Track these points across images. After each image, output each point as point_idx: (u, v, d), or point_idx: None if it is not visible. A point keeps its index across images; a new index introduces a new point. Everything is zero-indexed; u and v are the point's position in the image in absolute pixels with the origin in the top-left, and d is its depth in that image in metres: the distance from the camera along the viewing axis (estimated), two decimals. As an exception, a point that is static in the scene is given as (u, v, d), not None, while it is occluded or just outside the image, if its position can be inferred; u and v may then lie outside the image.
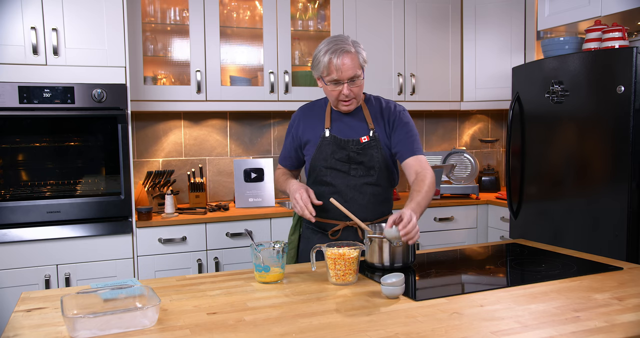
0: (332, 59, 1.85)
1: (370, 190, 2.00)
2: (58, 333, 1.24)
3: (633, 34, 2.97)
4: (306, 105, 2.15)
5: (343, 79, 1.88)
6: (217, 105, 3.16)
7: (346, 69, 1.86)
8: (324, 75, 1.91)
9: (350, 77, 1.88)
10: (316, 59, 1.92)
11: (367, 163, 1.99)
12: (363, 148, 1.98)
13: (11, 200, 2.59)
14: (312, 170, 2.05)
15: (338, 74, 1.87)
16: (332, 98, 1.96)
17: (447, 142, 4.11)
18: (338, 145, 1.99)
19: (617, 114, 2.47)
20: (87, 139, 2.76)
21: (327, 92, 1.97)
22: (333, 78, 1.88)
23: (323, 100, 2.11)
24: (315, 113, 2.08)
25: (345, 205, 1.86)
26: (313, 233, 2.09)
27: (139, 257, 2.78)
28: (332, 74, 1.88)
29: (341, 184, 2.00)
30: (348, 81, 1.88)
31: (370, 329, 1.24)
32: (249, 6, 3.36)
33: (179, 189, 3.39)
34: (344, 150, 1.98)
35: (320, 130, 2.03)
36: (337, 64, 1.85)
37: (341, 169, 1.99)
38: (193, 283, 1.64)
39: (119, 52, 2.72)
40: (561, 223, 2.78)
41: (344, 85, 1.89)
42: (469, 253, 2.07)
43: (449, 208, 3.44)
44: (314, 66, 1.95)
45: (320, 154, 2.01)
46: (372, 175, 2.00)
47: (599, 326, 1.24)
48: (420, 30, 3.59)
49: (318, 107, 2.10)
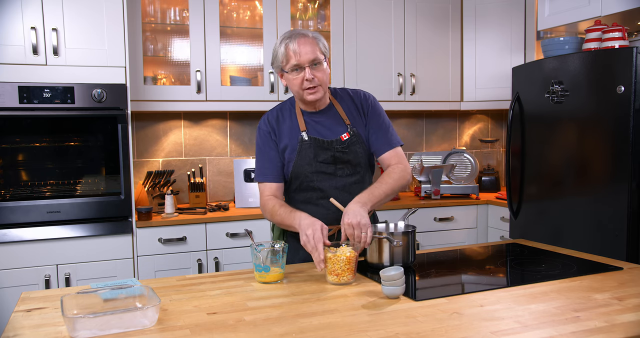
0: (288, 44, 1.79)
1: (358, 189, 1.91)
2: (58, 333, 1.24)
3: (633, 34, 2.97)
4: (271, 111, 1.99)
5: (303, 63, 1.79)
6: (217, 105, 3.16)
7: (304, 52, 1.79)
8: (283, 65, 1.82)
9: (311, 61, 1.80)
10: (274, 53, 1.85)
11: (353, 161, 1.92)
12: (347, 146, 1.91)
13: (11, 200, 2.59)
14: (295, 177, 1.93)
15: (297, 58, 1.79)
16: (295, 88, 1.85)
17: (447, 142, 4.11)
18: (321, 147, 1.89)
19: (617, 114, 2.47)
20: (87, 139, 2.76)
21: (290, 84, 1.86)
22: (293, 63, 1.80)
23: (288, 103, 1.99)
24: (285, 117, 1.95)
25: (334, 208, 1.79)
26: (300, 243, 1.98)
27: (139, 257, 2.78)
28: (290, 59, 1.80)
29: (329, 187, 1.91)
30: (309, 65, 1.80)
31: (370, 329, 1.24)
32: (249, 6, 3.36)
33: (179, 189, 3.39)
34: (328, 151, 1.89)
35: (296, 134, 1.91)
36: (294, 48, 1.78)
37: (327, 171, 1.91)
38: (193, 283, 1.64)
39: (119, 52, 2.72)
40: (561, 223, 2.78)
41: (306, 69, 1.80)
42: (469, 253, 2.07)
43: (449, 208, 3.44)
44: (273, 62, 1.87)
45: (302, 159, 1.89)
46: (359, 172, 1.95)
47: (599, 326, 1.24)
48: (421, 30, 3.59)
49: (286, 111, 1.96)
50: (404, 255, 1.74)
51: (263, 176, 1.94)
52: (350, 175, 1.94)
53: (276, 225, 1.95)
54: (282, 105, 2.00)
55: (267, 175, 1.94)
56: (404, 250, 1.73)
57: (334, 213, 1.82)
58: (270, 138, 1.94)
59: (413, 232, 1.77)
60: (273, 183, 1.94)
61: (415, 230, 1.79)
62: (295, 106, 1.96)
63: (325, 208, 1.91)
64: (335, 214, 1.82)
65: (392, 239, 1.71)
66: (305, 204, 1.93)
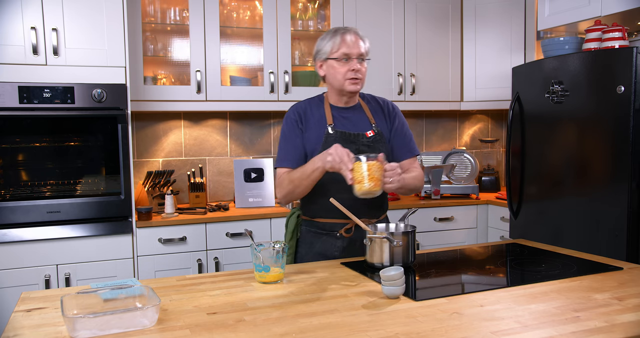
0: (344, 34, 1.91)
1: None
2: (58, 333, 1.24)
3: (633, 34, 2.97)
4: (300, 103, 2.07)
5: (353, 54, 1.91)
6: (217, 105, 3.16)
7: (355, 45, 1.91)
8: (333, 51, 1.92)
9: (359, 54, 1.92)
10: (322, 42, 1.95)
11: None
12: (371, 142, 1.98)
13: (11, 200, 2.59)
14: None
15: (349, 49, 1.90)
16: (339, 77, 1.93)
17: (447, 142, 4.11)
18: (346, 140, 1.95)
19: (617, 114, 2.47)
20: (87, 139, 2.76)
21: (334, 72, 1.94)
22: (344, 52, 1.90)
23: (317, 98, 2.07)
24: (313, 110, 2.02)
25: (350, 203, 1.80)
26: (316, 236, 2.02)
27: (139, 257, 2.78)
28: (342, 48, 1.90)
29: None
30: (357, 58, 1.91)
31: (370, 329, 1.24)
32: (249, 6, 3.36)
33: (179, 189, 3.39)
34: (353, 145, 1.95)
35: (323, 125, 1.98)
36: (350, 39, 1.90)
37: None
38: (193, 283, 1.64)
39: (119, 52, 2.72)
40: (561, 223, 2.78)
41: (354, 60, 1.91)
42: (469, 253, 2.07)
43: (449, 208, 3.44)
44: (319, 50, 1.96)
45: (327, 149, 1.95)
46: None
47: (599, 326, 1.24)
48: (421, 30, 3.59)
49: (314, 104, 2.04)
50: (404, 255, 1.74)
51: (285, 161, 1.98)
52: None
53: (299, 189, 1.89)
54: (310, 100, 2.07)
55: (289, 160, 1.97)
56: (404, 250, 1.73)
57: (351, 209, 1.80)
58: (297, 126, 1.99)
59: (413, 232, 1.77)
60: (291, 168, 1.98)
61: (415, 230, 1.79)
62: (324, 101, 2.04)
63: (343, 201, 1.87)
64: (351, 209, 1.80)
65: (392, 239, 1.71)
66: (322, 197, 1.92)
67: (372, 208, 2.00)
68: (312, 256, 2.01)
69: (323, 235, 2.02)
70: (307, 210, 2.05)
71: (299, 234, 2.08)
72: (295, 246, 2.08)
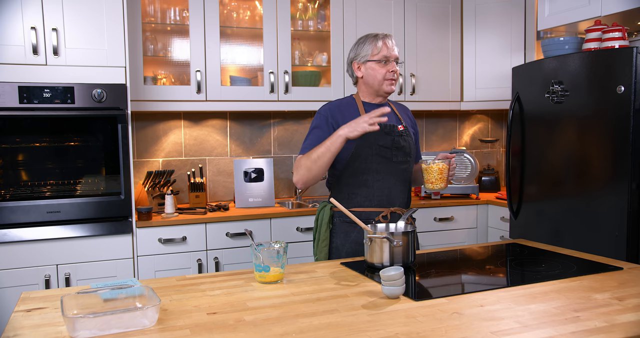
0: (385, 40, 2.08)
1: (407, 176, 2.15)
2: (58, 333, 1.24)
3: (633, 34, 2.97)
4: (331, 102, 2.17)
5: (392, 58, 2.07)
6: (217, 105, 3.16)
7: (393, 49, 2.08)
8: (374, 54, 2.06)
9: (397, 58, 2.09)
10: (362, 44, 2.10)
11: (406, 148, 2.11)
12: (403, 134, 2.12)
13: (11, 200, 2.59)
14: (354, 158, 2.05)
15: (389, 52, 2.06)
16: (378, 78, 2.07)
17: (447, 142, 4.11)
18: (382, 131, 2.06)
19: (617, 114, 2.47)
20: (87, 139, 2.76)
21: (374, 73, 2.08)
22: (384, 55, 2.06)
23: (348, 99, 2.17)
24: (345, 108, 2.11)
25: (386, 192, 2.07)
26: (351, 226, 2.07)
27: (139, 257, 2.78)
28: (383, 51, 2.06)
29: (386, 170, 2.07)
30: (395, 61, 2.08)
31: (370, 329, 1.24)
32: (249, 6, 3.36)
33: (179, 189, 3.39)
34: (389, 136, 2.07)
35: None
36: (390, 44, 2.07)
37: (385, 155, 2.07)
38: (193, 283, 1.64)
39: (119, 52, 2.72)
40: (561, 223, 2.78)
41: (392, 63, 2.07)
42: (469, 253, 2.07)
43: (449, 208, 3.44)
44: (359, 53, 2.10)
45: (365, 141, 2.03)
46: (408, 162, 2.14)
47: (599, 326, 1.24)
48: (420, 30, 3.59)
49: (346, 103, 2.14)
50: (404, 255, 1.74)
51: (306, 150, 2.02)
52: (402, 163, 2.12)
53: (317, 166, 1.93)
54: (340, 100, 2.20)
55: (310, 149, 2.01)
56: (404, 250, 1.73)
57: (387, 197, 2.08)
58: (327, 121, 2.07)
59: (413, 232, 1.77)
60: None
61: (415, 230, 1.79)
62: (356, 100, 2.16)
63: (380, 190, 2.07)
64: (387, 198, 2.08)
65: (392, 239, 1.71)
66: (359, 187, 2.08)
67: (404, 197, 2.15)
68: (349, 246, 2.07)
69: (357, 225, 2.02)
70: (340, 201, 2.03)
71: (332, 226, 2.13)
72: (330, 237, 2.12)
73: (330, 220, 2.13)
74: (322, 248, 2.11)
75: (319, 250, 2.11)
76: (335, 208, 2.10)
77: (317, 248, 2.12)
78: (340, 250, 2.08)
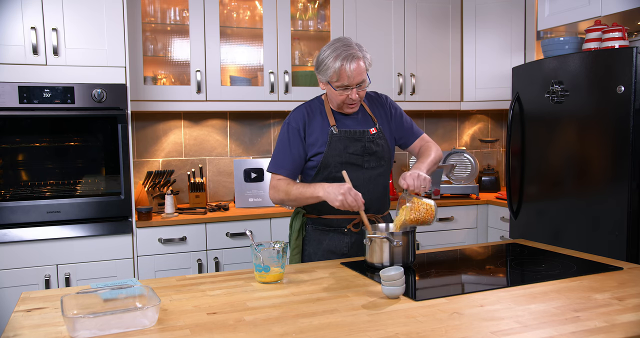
0: (344, 66, 1.86)
1: (382, 181, 2.07)
2: (58, 333, 1.24)
3: (633, 34, 2.97)
4: (301, 107, 2.07)
5: (352, 85, 1.90)
6: (217, 105, 3.16)
7: (356, 74, 1.88)
8: (333, 81, 1.92)
9: (359, 82, 1.91)
10: (324, 64, 1.91)
11: (379, 153, 2.04)
12: (375, 139, 2.03)
13: (11, 200, 2.59)
14: (323, 167, 1.99)
15: (349, 81, 1.89)
16: (337, 102, 1.98)
17: (447, 142, 4.11)
18: (351, 139, 1.99)
19: (617, 114, 2.47)
20: (87, 139, 2.76)
21: (333, 96, 1.98)
22: (343, 84, 1.90)
23: (317, 100, 2.09)
24: (315, 114, 2.04)
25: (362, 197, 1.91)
26: (323, 234, 2.04)
27: (139, 257, 2.78)
28: (342, 80, 1.89)
29: (356, 178, 1.98)
30: (357, 86, 1.91)
31: (370, 329, 1.24)
32: (249, 6, 3.36)
33: (179, 189, 3.39)
34: (359, 142, 2.00)
35: (326, 128, 2.01)
36: (349, 70, 1.86)
37: (355, 163, 2.00)
38: (193, 283, 1.64)
39: (119, 52, 2.72)
40: (561, 223, 2.78)
41: (353, 90, 1.92)
42: (469, 253, 2.07)
43: (449, 208, 3.44)
44: (321, 70, 1.94)
45: (332, 150, 1.98)
46: (383, 166, 2.06)
47: (599, 326, 1.24)
48: (421, 30, 3.59)
49: (315, 108, 2.06)
50: (404, 255, 1.74)
51: (279, 168, 2.01)
52: (376, 168, 2.05)
53: (291, 203, 1.98)
54: (310, 103, 2.09)
55: (283, 168, 2.00)
56: (404, 250, 1.73)
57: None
58: (299, 135, 2.00)
59: (413, 232, 1.77)
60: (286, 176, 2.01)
61: (415, 230, 1.79)
62: (324, 105, 2.07)
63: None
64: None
65: (392, 239, 1.71)
66: None
67: (377, 204, 2.06)
68: (321, 254, 2.03)
69: (330, 232, 2.04)
70: (313, 208, 2.05)
71: (305, 233, 2.08)
72: (302, 245, 2.09)
73: (303, 228, 2.08)
74: (293, 255, 2.07)
75: (290, 258, 2.09)
76: (309, 215, 2.07)
77: (290, 255, 2.09)
78: (312, 258, 2.04)
